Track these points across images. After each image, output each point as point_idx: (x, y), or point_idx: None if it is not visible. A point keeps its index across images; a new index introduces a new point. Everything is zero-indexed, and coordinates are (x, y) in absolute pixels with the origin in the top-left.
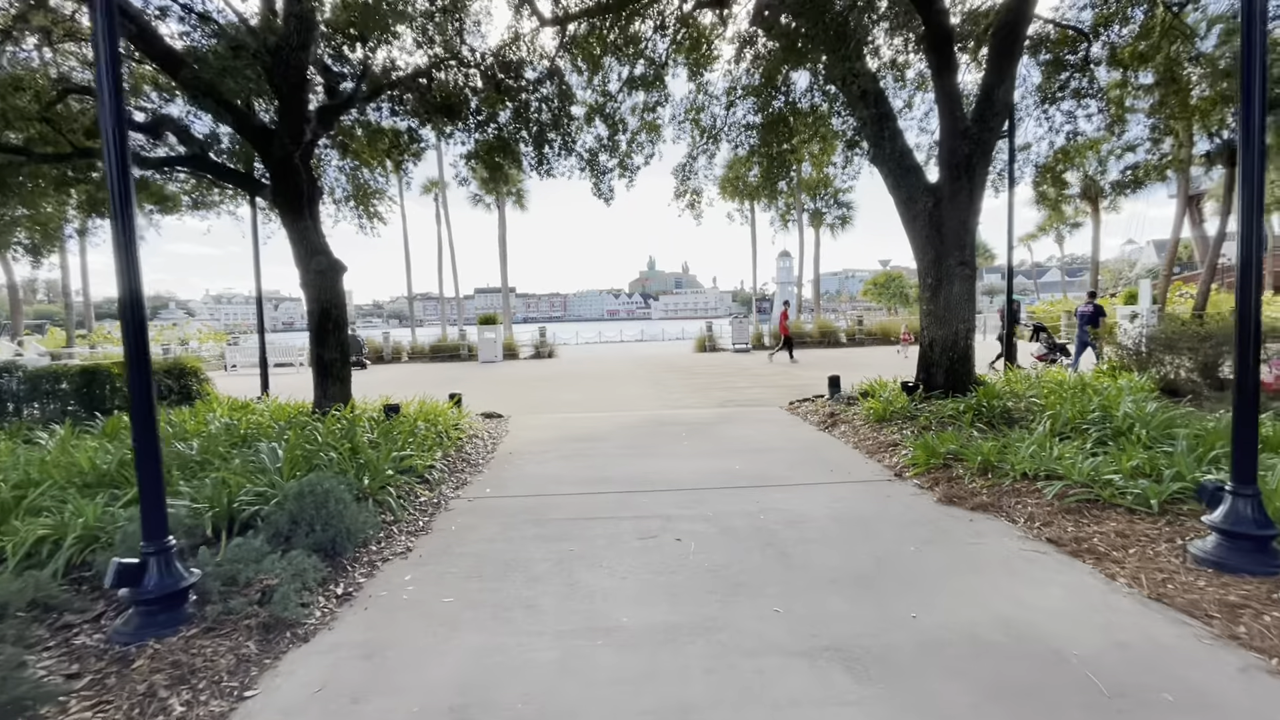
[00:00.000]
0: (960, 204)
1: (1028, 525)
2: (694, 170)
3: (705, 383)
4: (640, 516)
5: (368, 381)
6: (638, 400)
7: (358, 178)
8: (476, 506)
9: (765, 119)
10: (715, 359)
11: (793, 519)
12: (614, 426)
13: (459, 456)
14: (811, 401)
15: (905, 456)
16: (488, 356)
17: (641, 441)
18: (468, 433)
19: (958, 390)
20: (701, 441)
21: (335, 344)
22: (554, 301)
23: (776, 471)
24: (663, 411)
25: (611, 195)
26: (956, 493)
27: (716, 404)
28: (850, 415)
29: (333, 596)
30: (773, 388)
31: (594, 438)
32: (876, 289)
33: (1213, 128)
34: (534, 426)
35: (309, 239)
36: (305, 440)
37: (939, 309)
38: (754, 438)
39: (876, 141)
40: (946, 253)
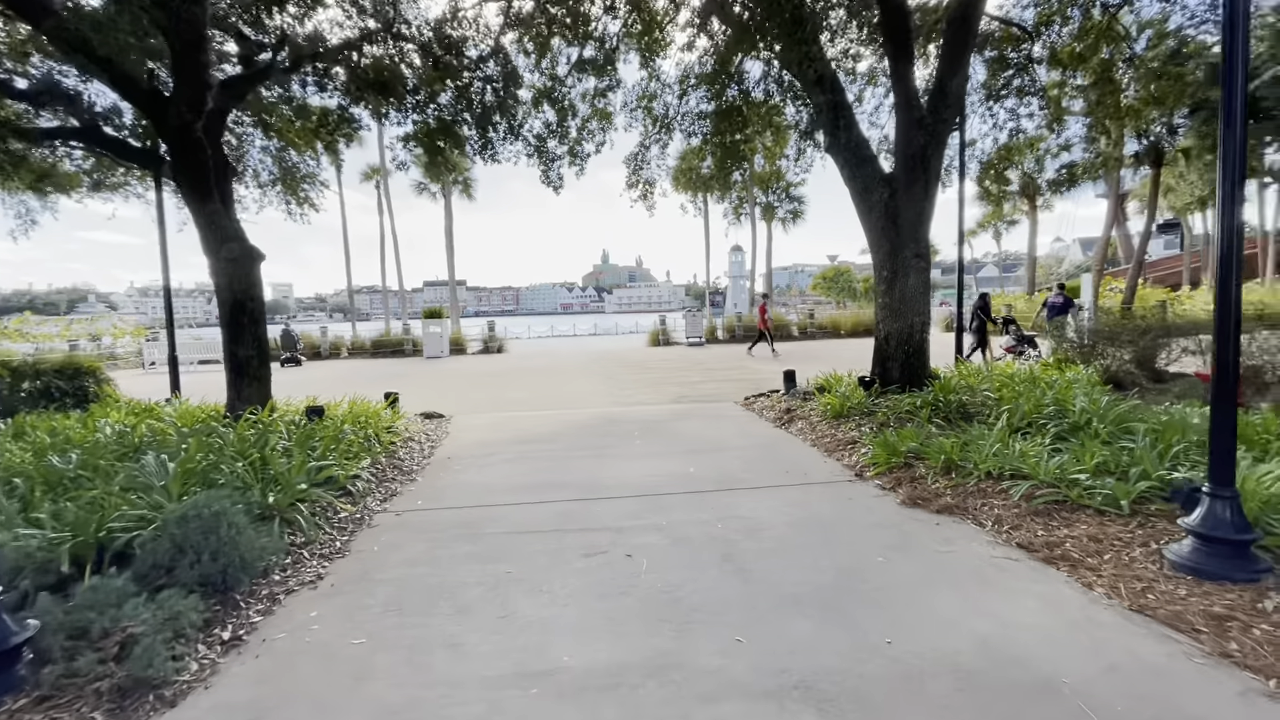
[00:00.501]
0: (915, 195)
1: (996, 529)
2: (646, 160)
3: (659, 378)
4: (587, 528)
5: (301, 380)
6: (589, 397)
7: (284, 160)
8: (405, 521)
9: (719, 107)
10: (669, 353)
11: (752, 527)
12: (563, 426)
13: (390, 463)
14: (767, 397)
15: (865, 455)
16: (433, 352)
17: (591, 442)
18: (403, 436)
19: (914, 384)
20: (655, 441)
21: (251, 340)
22: (506, 295)
23: (733, 473)
24: (615, 409)
25: (561, 183)
26: (920, 494)
27: (670, 400)
28: (807, 411)
29: (217, 643)
30: (727, 382)
31: (540, 439)
32: (826, 283)
33: (1141, 129)
34: (477, 427)
35: (219, 223)
36: (207, 450)
37: (894, 302)
38: (709, 436)
39: (832, 131)
40: (902, 245)
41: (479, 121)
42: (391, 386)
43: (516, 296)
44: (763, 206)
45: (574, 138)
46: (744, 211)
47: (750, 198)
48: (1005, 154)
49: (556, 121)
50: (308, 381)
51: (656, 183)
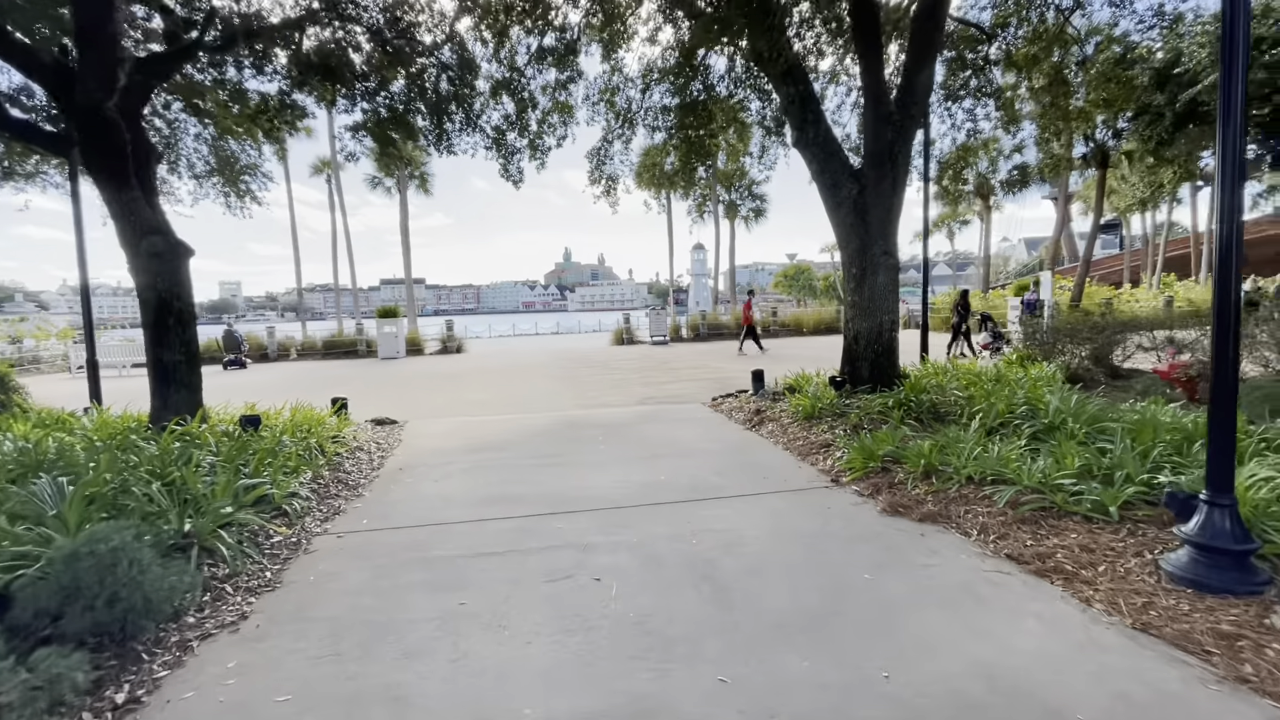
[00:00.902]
0: (884, 191)
1: (983, 539)
2: (609, 155)
3: (623, 378)
4: (551, 546)
5: (244, 383)
6: (551, 399)
7: (222, 149)
8: (347, 545)
9: (683, 101)
10: (633, 352)
11: (729, 541)
12: (523, 431)
13: (335, 477)
14: (735, 397)
15: (840, 459)
16: (388, 353)
17: (554, 448)
18: (351, 445)
19: (884, 384)
20: (621, 446)
21: (178, 343)
22: (467, 293)
23: (706, 480)
24: (578, 411)
25: (521, 177)
26: (900, 501)
27: (636, 401)
28: (777, 413)
29: (108, 709)
30: (693, 382)
31: (500, 445)
32: (787, 281)
33: (1089, 132)
34: (432, 434)
35: (139, 214)
36: (119, 469)
37: (864, 300)
38: (678, 439)
39: (800, 125)
40: (871, 242)
41: (433, 111)
42: (342, 390)
43: (478, 295)
44: (726, 204)
45: (534, 131)
46: (707, 209)
47: (713, 196)
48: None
49: (516, 113)
50: (251, 386)
51: (620, 179)
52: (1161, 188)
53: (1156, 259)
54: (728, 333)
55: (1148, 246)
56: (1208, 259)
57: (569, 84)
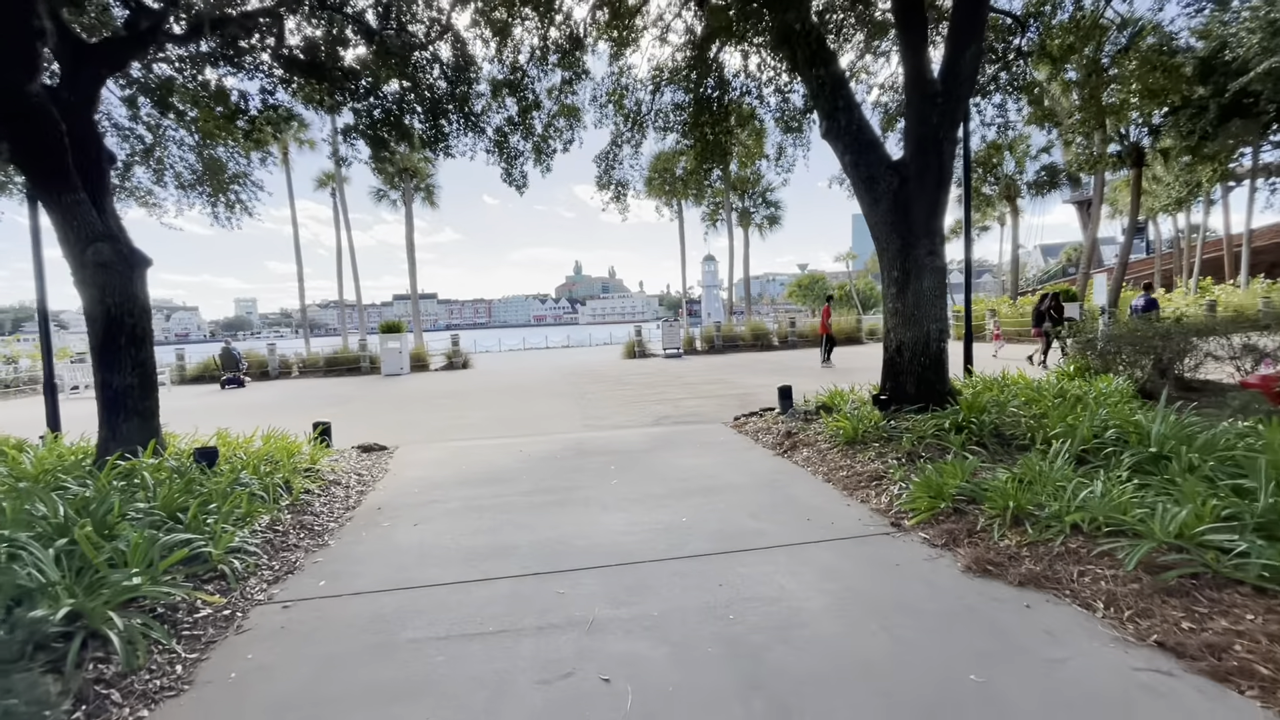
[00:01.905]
0: (928, 184)
1: (1114, 616)
2: (618, 159)
3: (636, 394)
4: (548, 626)
5: (237, 404)
6: (558, 419)
7: (210, 156)
8: (292, 621)
9: (698, 95)
10: (645, 366)
11: (779, 619)
12: (524, 458)
13: (298, 522)
14: (760, 416)
15: (899, 497)
16: (391, 369)
17: (558, 481)
18: (326, 479)
19: (932, 401)
20: (635, 477)
21: (130, 365)
22: (478, 307)
23: (738, 523)
24: (587, 434)
25: (525, 183)
26: (988, 556)
27: (650, 421)
28: (812, 436)
29: None
30: (712, 399)
31: (496, 476)
32: (801, 291)
33: (1123, 129)
34: (422, 462)
35: (82, 219)
36: (18, 523)
37: (907, 307)
38: (700, 469)
39: (830, 112)
40: (915, 241)
41: (429, 112)
42: (338, 410)
43: (489, 309)
44: (739, 212)
45: (539, 133)
46: (720, 217)
47: (727, 203)
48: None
49: (519, 114)
50: (242, 407)
51: (629, 184)
52: (1199, 187)
53: (1192, 261)
54: (743, 344)
55: (1178, 249)
56: (1247, 261)
57: (574, 82)
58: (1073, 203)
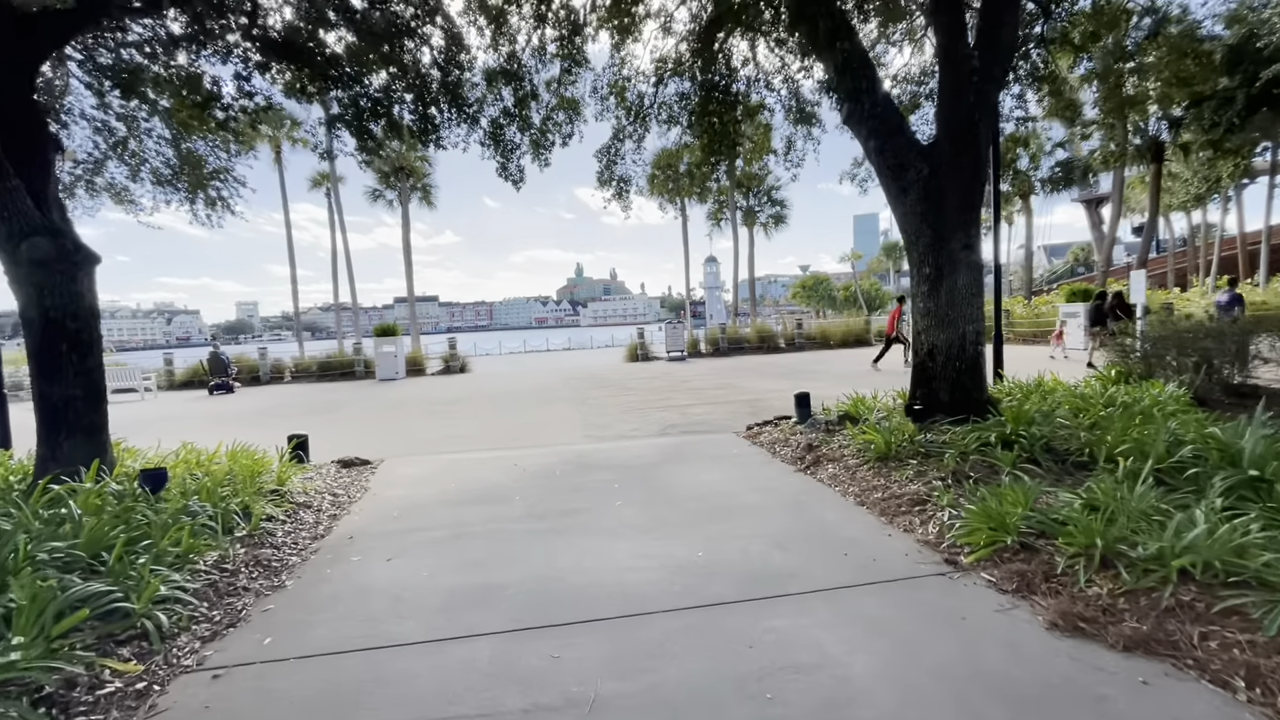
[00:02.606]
0: (963, 170)
1: (1264, 700)
2: (620, 154)
3: (640, 400)
4: (537, 709)
5: (220, 411)
6: (558, 428)
7: (185, 147)
8: (219, 698)
9: (706, 80)
10: (649, 369)
11: (825, 697)
12: (519, 474)
13: (254, 557)
14: (775, 426)
15: (950, 526)
16: (386, 374)
17: (556, 502)
18: (295, 502)
19: (969, 410)
20: (642, 497)
21: (71, 374)
22: (480, 310)
23: (764, 559)
24: (587, 445)
25: (522, 177)
26: (1077, 610)
27: (656, 431)
28: (837, 450)
29: None
30: (720, 405)
31: (486, 496)
32: (805, 292)
33: (1143, 123)
34: (407, 479)
35: (17, 209)
36: None
37: (940, 306)
38: (714, 488)
39: (853, 93)
40: (948, 234)
41: (418, 100)
42: (324, 418)
43: (490, 311)
44: (744, 211)
45: (536, 126)
46: (724, 216)
47: (731, 202)
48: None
49: (515, 105)
50: (225, 414)
51: (632, 180)
52: (1218, 183)
53: (1210, 259)
54: (749, 347)
55: (1191, 248)
56: (1266, 259)
57: (573, 72)
58: (1081, 201)
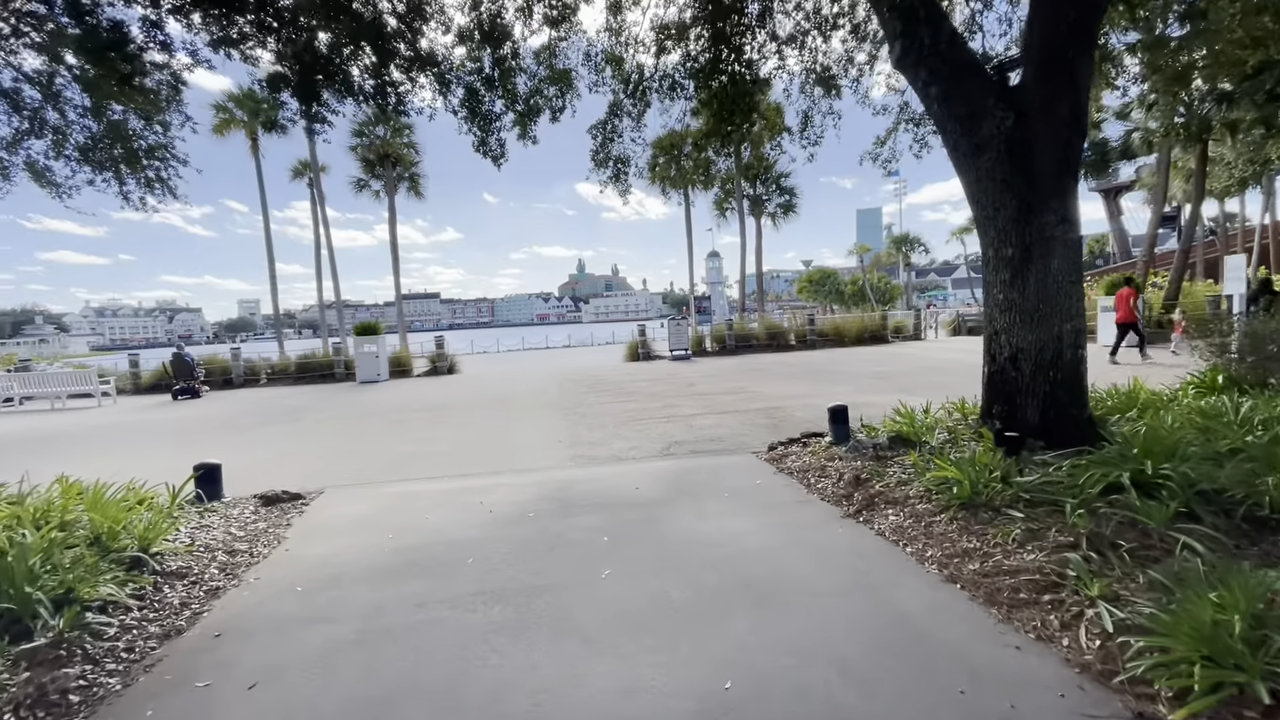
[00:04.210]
0: (1058, 119)
1: None
2: (617, 131)
3: (639, 408)
4: None
5: (169, 420)
6: (543, 446)
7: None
8: None
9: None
10: (651, 370)
11: None
12: (483, 519)
13: (41, 685)
14: (803, 446)
15: (1123, 641)
16: (367, 375)
17: (519, 570)
18: (167, 570)
19: (1067, 434)
20: (638, 564)
21: None
22: (481, 307)
23: (827, 699)
24: (576, 472)
25: (503, 153)
26: None
27: (659, 450)
28: (895, 486)
29: None
30: (732, 414)
31: (431, 560)
32: (812, 286)
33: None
34: (337, 525)
35: None
36: None
37: (1026, 298)
38: (738, 546)
39: (907, 29)
40: (1039, 203)
41: (375, 48)
42: (280, 429)
43: (492, 308)
44: (750, 200)
45: (520, 93)
46: (730, 206)
47: (738, 190)
48: None
49: (494, 68)
50: (170, 425)
51: (631, 160)
52: (1266, 165)
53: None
54: (757, 344)
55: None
56: None
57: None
58: (1099, 191)
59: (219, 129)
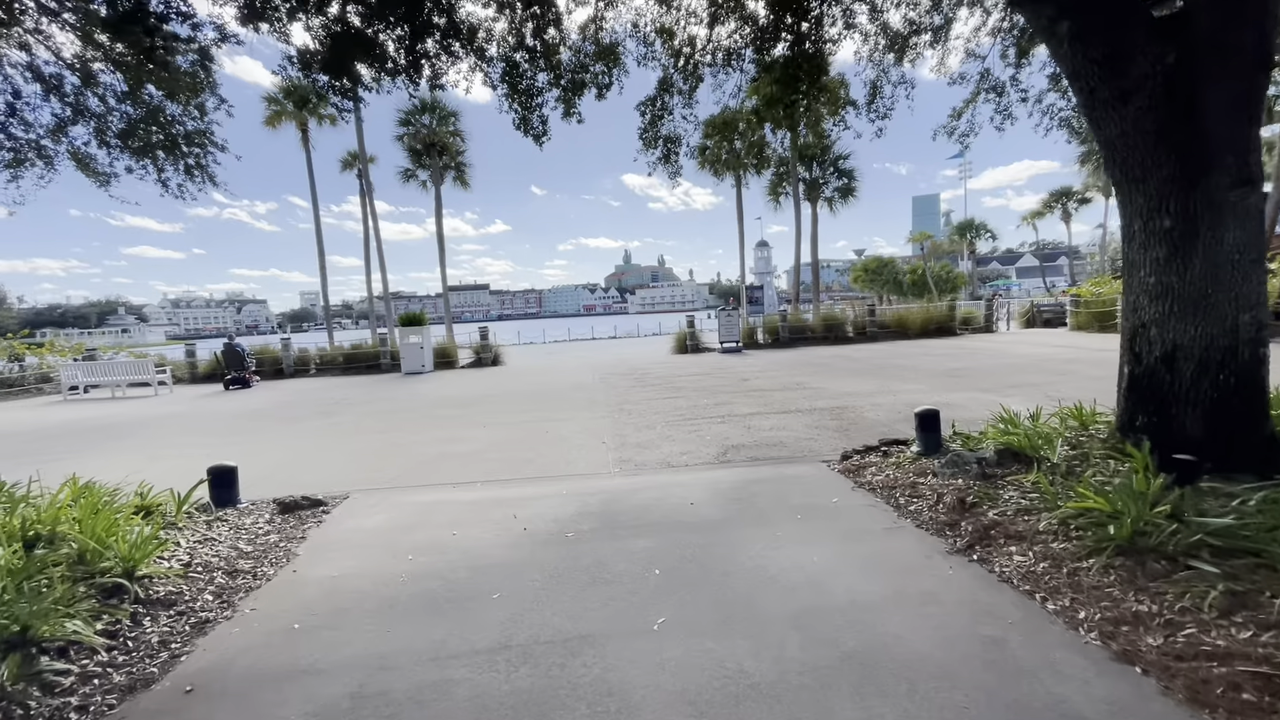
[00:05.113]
0: (1237, 51)
1: None
2: (668, 109)
3: (690, 406)
4: None
5: (214, 412)
6: (584, 447)
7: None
8: None
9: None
10: (700, 363)
11: None
12: (514, 538)
13: None
14: (884, 455)
15: None
16: (411, 366)
17: (553, 613)
18: (153, 597)
19: (1240, 453)
20: (698, 611)
21: None
22: (529, 298)
23: None
24: (621, 481)
25: (544, 132)
26: None
27: (714, 455)
28: (1014, 515)
29: None
30: (794, 414)
31: (449, 594)
32: (867, 275)
33: None
34: (354, 540)
35: None
36: None
37: (1187, 282)
38: (822, 591)
39: None
40: (1209, 160)
41: (409, 25)
42: (319, 424)
43: (539, 299)
44: (806, 184)
45: (564, 65)
46: (783, 191)
47: (793, 173)
48: None
49: (535, 38)
50: (214, 416)
51: (682, 140)
52: None
53: None
54: (813, 337)
55: None
56: None
57: None
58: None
59: (270, 121)
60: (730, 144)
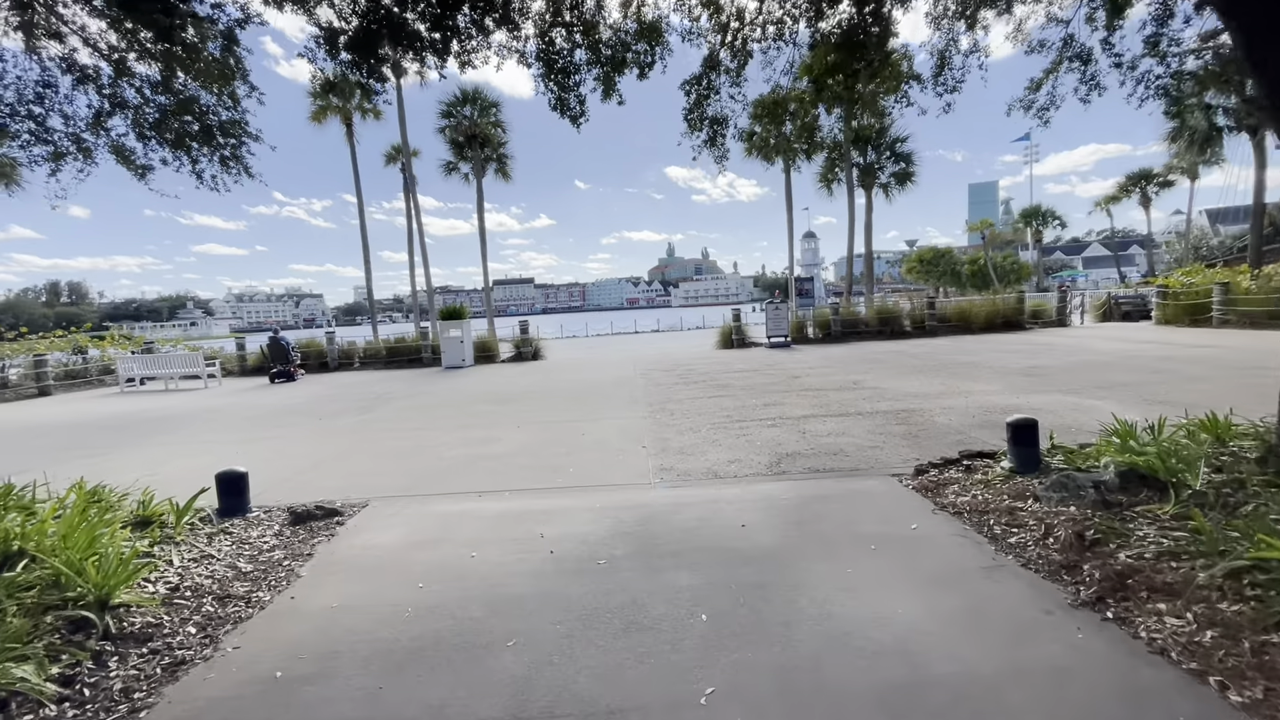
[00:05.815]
0: None
1: None
2: (714, 87)
3: (738, 406)
4: None
5: (256, 405)
6: (624, 450)
7: (180, 92)
8: None
9: None
10: (747, 359)
11: None
12: (540, 564)
13: None
14: (968, 471)
15: None
16: (452, 360)
17: (586, 657)
18: (125, 631)
19: None
20: (757, 676)
21: None
22: (573, 291)
23: None
24: (660, 494)
25: (582, 113)
26: None
27: (766, 464)
28: (1155, 558)
29: None
30: (855, 417)
31: (468, 630)
32: (923, 266)
33: None
34: (366, 560)
35: None
36: None
37: None
38: (915, 660)
39: None
40: None
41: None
42: (355, 420)
43: (583, 292)
44: (860, 169)
45: (603, 41)
46: (835, 177)
47: (846, 158)
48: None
49: (570, 10)
50: (256, 410)
51: (730, 121)
52: None
53: None
54: (866, 331)
55: None
56: None
57: None
58: None
59: (316, 116)
60: (779, 127)
